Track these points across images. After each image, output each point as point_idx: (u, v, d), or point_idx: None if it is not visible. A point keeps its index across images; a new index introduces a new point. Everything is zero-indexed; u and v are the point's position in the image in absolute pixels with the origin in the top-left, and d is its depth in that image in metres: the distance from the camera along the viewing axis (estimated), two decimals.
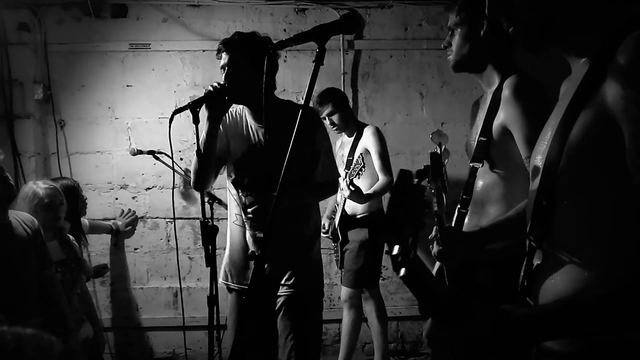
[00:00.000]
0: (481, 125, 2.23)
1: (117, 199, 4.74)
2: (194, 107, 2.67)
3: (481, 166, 2.22)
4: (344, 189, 4.02)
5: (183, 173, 4.62)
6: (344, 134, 4.31)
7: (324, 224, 4.31)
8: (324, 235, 4.20)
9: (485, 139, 2.20)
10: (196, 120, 2.68)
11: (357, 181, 4.13)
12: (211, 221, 2.71)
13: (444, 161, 2.27)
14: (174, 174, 3.40)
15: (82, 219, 4.10)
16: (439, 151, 2.31)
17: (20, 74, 4.64)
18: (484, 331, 1.10)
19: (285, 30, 4.72)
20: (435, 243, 2.11)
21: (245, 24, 4.71)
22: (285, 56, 4.69)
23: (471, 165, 2.25)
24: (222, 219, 4.66)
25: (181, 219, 4.73)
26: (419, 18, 4.86)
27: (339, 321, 4.49)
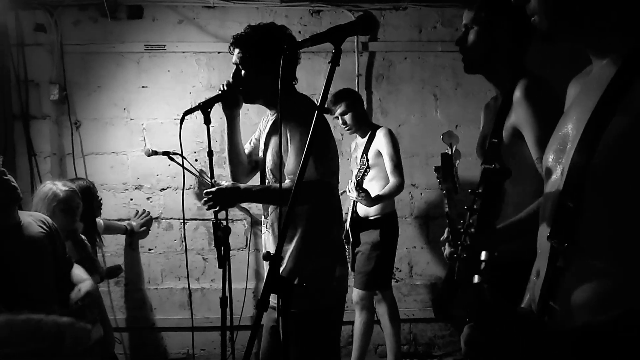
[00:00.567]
0: (492, 126, 2.23)
1: (131, 199, 4.76)
2: (205, 107, 2.69)
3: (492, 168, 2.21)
4: (351, 191, 4.02)
5: (197, 174, 4.63)
6: (357, 136, 4.31)
7: None
8: None
9: (496, 140, 2.19)
10: (207, 121, 2.69)
11: (369, 183, 4.13)
12: (225, 222, 2.72)
13: (455, 162, 2.27)
14: (184, 174, 3.40)
15: (98, 220, 4.13)
16: (449, 152, 2.30)
17: (36, 74, 4.67)
18: (528, 342, 1.09)
19: (300, 32, 4.72)
20: (447, 244, 2.11)
21: None
22: (300, 58, 4.69)
23: (483, 166, 2.24)
24: (236, 220, 4.69)
25: (195, 219, 4.74)
26: (434, 20, 4.84)
27: (351, 323, 4.48)
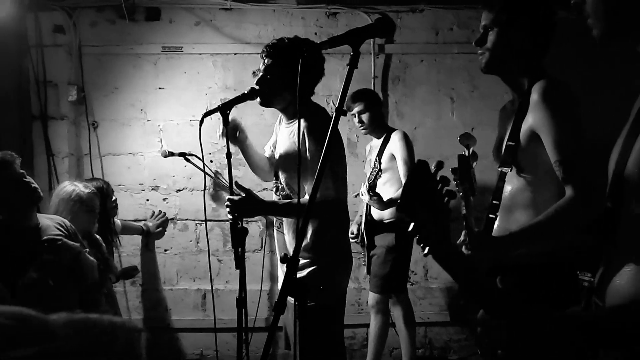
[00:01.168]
0: (509, 129, 2.21)
1: (147, 200, 4.79)
2: (224, 109, 2.71)
3: (510, 170, 2.20)
4: (364, 194, 4.01)
5: (213, 175, 4.65)
6: (373, 139, 4.30)
7: (352, 230, 4.30)
8: (352, 240, 4.19)
9: (513, 143, 2.18)
10: (226, 123, 2.71)
11: (383, 187, 4.12)
12: (241, 223, 2.73)
13: (472, 164, 2.25)
14: (204, 176, 3.42)
15: (115, 220, 4.16)
16: (466, 154, 2.29)
17: (55, 75, 4.71)
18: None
19: (316, 34, 4.73)
20: (464, 247, 2.10)
21: (277, 27, 4.73)
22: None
23: (500, 169, 2.23)
24: (252, 221, 4.70)
25: (211, 220, 4.75)
26: (450, 22, 4.83)
27: (366, 326, 4.48)
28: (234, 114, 2.84)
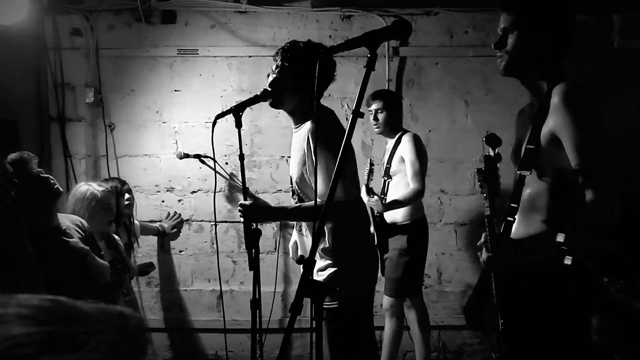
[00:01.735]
0: (529, 132, 2.21)
1: (163, 201, 4.82)
2: (237, 111, 2.73)
3: (529, 174, 2.19)
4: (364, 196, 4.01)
5: (228, 177, 4.67)
6: (388, 141, 4.29)
7: None
8: None
9: (533, 146, 2.16)
10: (239, 125, 2.73)
11: (393, 190, 4.11)
12: (255, 225, 2.75)
13: (497, 165, 2.24)
14: (215, 177, 3.44)
15: (134, 221, 4.20)
16: (492, 154, 2.28)
17: (72, 78, 4.77)
18: None
19: (330, 37, 4.74)
20: (484, 249, 2.09)
21: (291, 30, 4.75)
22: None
23: (519, 172, 2.22)
24: (266, 222, 4.71)
25: (225, 222, 4.78)
26: (465, 25, 4.82)
27: (380, 329, 4.47)
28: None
